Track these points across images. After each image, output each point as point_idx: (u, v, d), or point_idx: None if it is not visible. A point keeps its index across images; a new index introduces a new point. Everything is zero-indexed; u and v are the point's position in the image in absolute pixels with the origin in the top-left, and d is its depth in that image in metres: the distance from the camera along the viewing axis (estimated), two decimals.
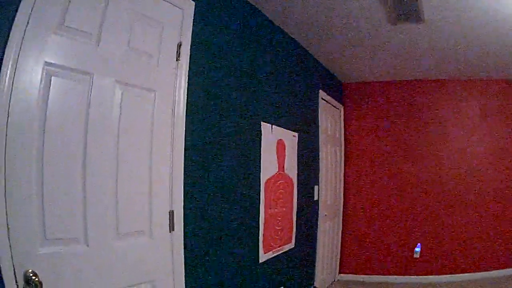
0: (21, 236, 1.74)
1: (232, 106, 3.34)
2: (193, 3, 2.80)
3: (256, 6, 3.72)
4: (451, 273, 5.94)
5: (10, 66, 1.70)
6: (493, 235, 5.92)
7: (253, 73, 3.68)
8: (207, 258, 2.98)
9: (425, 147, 6.17)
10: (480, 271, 5.89)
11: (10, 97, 1.70)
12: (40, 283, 1.74)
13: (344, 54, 5.16)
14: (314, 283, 5.20)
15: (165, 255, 2.55)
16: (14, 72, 1.72)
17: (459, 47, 4.60)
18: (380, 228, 6.27)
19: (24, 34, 1.76)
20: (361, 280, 6.25)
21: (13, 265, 1.69)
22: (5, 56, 1.69)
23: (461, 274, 5.92)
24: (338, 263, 6.33)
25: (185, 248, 2.68)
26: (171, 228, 2.58)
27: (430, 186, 6.10)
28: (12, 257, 1.68)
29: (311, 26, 4.23)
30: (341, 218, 6.35)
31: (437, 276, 5.97)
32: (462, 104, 6.12)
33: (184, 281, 2.67)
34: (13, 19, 1.73)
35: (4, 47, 1.69)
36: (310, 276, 5.13)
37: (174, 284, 2.60)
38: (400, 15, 3.75)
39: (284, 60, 4.34)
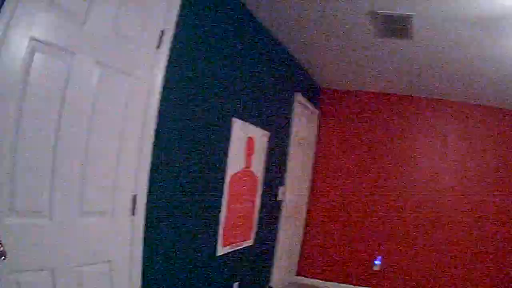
0: None
1: (206, 99, 3.38)
2: None
3: (243, 2, 3.77)
4: None
5: None
6: (460, 258, 6.00)
7: (230, 69, 3.73)
8: (166, 245, 3.03)
9: (395, 160, 6.30)
10: None
11: None
12: (4, 252, 1.77)
13: (327, 61, 5.26)
14: (270, 282, 5.27)
15: (125, 238, 2.58)
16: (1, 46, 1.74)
17: (442, 66, 4.73)
18: (342, 236, 6.38)
19: (16, 8, 1.78)
20: (317, 285, 6.35)
21: None
22: None
23: None
24: (296, 265, 6.44)
25: (145, 233, 2.71)
26: (133, 212, 2.61)
27: (396, 199, 6.23)
28: None
29: (297, 31, 4.30)
30: (303, 221, 6.46)
31: None
32: (437, 123, 6.25)
33: (140, 266, 2.70)
34: None
35: None
36: (266, 275, 5.21)
37: (130, 267, 2.63)
38: (389, 30, 3.85)
39: (264, 59, 4.40)
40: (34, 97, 1.92)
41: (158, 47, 2.69)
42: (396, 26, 3.73)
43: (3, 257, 1.76)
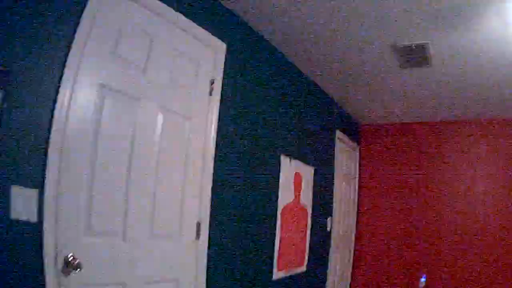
0: (68, 225, 2.11)
1: (256, 138, 3.78)
2: (225, 44, 3.28)
3: (280, 50, 4.21)
4: None
5: (69, 85, 2.10)
6: (499, 280, 6.04)
7: (275, 111, 4.13)
8: (227, 267, 3.35)
9: (435, 188, 6.43)
10: None
11: (68, 112, 2.10)
12: (79, 264, 2.08)
13: (358, 96, 5.59)
14: None
15: (191, 259, 2.93)
16: (72, 91, 2.12)
17: (466, 89, 4.97)
18: (390, 263, 6.52)
19: (82, 56, 2.17)
20: None
21: (57, 249, 2.02)
22: (64, 75, 2.07)
23: None
24: None
25: (208, 256, 3.07)
26: (197, 236, 2.98)
27: (439, 227, 6.32)
28: (56, 242, 2.02)
29: (329, 71, 4.69)
30: (352, 250, 6.66)
31: None
32: (471, 144, 6.37)
33: (205, 284, 3.03)
34: (71, 41, 2.11)
35: (63, 67, 2.08)
36: None
37: (196, 285, 2.96)
38: (409, 61, 4.18)
39: (304, 100, 4.80)
40: (108, 135, 2.32)
41: (210, 94, 3.13)
42: (416, 57, 4.06)
43: (78, 269, 2.07)
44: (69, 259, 2.08)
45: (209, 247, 3.08)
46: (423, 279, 6.21)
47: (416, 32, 3.62)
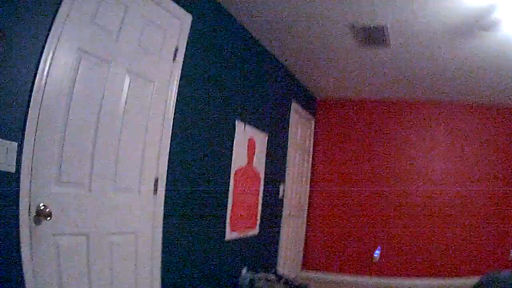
0: (41, 176, 2.29)
1: (213, 103, 4.03)
2: (190, 15, 3.50)
3: (243, 24, 4.45)
4: (412, 277, 6.52)
5: (52, 48, 2.31)
6: (452, 244, 6.51)
7: (233, 80, 4.39)
8: (183, 224, 3.61)
9: (390, 165, 6.84)
10: (439, 277, 6.46)
11: (49, 73, 2.30)
12: (50, 213, 2.28)
13: (317, 71, 5.89)
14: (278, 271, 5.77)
15: (148, 213, 3.17)
16: (54, 53, 2.32)
17: (423, 71, 5.33)
18: (343, 231, 6.88)
19: (65, 23, 2.37)
20: (323, 277, 6.81)
21: (30, 198, 2.20)
22: (48, 39, 2.27)
23: (422, 279, 6.48)
24: (300, 259, 6.94)
25: (164, 211, 3.31)
26: (155, 191, 3.22)
27: (393, 197, 6.75)
28: (30, 191, 2.20)
29: (289, 45, 4.97)
30: (305, 217, 7.00)
31: (397, 279, 6.53)
32: (425, 123, 6.81)
33: (161, 239, 3.28)
34: (57, 9, 2.32)
35: (48, 32, 2.28)
36: (273, 265, 5.74)
37: (152, 240, 3.20)
38: (368, 41, 4.47)
39: (262, 71, 5.08)
40: (80, 94, 2.54)
41: (173, 60, 3.36)
42: (374, 36, 4.35)
43: (49, 217, 2.26)
44: (41, 208, 2.26)
45: (165, 204, 3.32)
46: (377, 252, 6.57)
47: (376, 13, 3.87)
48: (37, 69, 2.23)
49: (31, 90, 2.20)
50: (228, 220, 4.38)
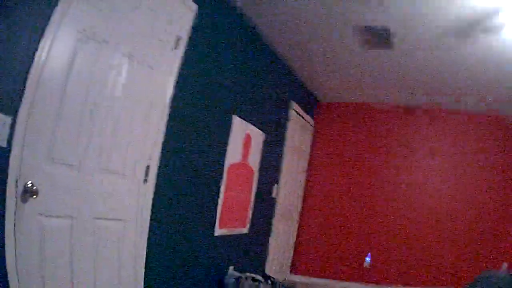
0: (32, 153, 2.27)
1: (211, 96, 3.99)
2: (196, 5, 3.46)
3: (248, 20, 4.43)
4: (403, 285, 6.43)
5: (54, 28, 2.31)
6: (443, 253, 6.41)
7: (234, 74, 4.36)
8: (171, 215, 3.58)
9: (389, 172, 6.77)
10: (430, 286, 6.36)
11: (49, 52, 2.29)
12: (37, 191, 2.26)
13: (319, 73, 5.86)
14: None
15: (137, 200, 3.13)
16: (55, 33, 2.31)
17: (428, 77, 5.28)
18: (335, 236, 6.81)
19: (70, 3, 2.36)
20: (312, 282, 6.74)
21: (18, 174, 2.18)
22: (51, 18, 2.27)
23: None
24: (289, 263, 6.86)
25: (153, 201, 3.27)
26: (145, 180, 3.18)
27: (389, 203, 6.67)
28: (20, 168, 2.19)
29: (293, 45, 4.94)
30: (297, 221, 6.93)
31: (387, 287, 6.47)
32: (431, 133, 6.72)
33: (147, 229, 3.23)
34: None
35: (52, 12, 2.28)
36: (261, 267, 5.67)
37: (139, 229, 3.15)
38: (371, 41, 4.44)
39: (263, 68, 5.05)
40: (78, 76, 2.51)
41: (175, 48, 3.32)
42: (378, 38, 4.32)
43: (35, 195, 2.25)
44: (28, 185, 2.24)
45: (155, 193, 3.28)
46: (367, 259, 6.53)
47: (379, 15, 3.85)
48: (37, 47, 2.23)
49: (30, 67, 2.20)
50: (218, 216, 4.34)
